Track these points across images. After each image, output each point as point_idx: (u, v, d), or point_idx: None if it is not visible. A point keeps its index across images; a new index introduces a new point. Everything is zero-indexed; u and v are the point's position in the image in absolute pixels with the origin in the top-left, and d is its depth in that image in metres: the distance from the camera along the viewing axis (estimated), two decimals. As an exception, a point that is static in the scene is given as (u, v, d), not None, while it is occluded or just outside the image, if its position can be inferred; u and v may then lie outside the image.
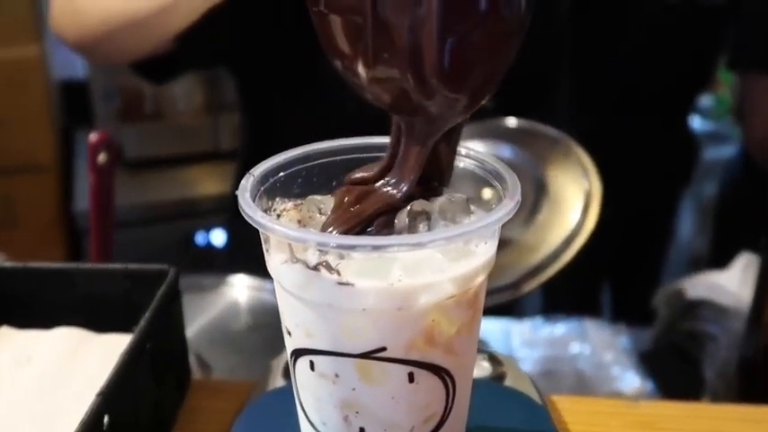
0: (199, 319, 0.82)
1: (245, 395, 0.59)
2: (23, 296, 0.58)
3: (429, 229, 0.37)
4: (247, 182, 0.39)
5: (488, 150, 0.96)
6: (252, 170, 0.40)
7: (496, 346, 1.12)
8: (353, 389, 0.38)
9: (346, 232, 0.36)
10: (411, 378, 0.37)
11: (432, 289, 0.35)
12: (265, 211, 0.41)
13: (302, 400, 0.41)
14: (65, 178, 1.82)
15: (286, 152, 0.42)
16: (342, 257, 0.35)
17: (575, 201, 0.88)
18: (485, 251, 0.37)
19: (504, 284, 0.82)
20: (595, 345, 1.14)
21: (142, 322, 0.50)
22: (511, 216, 0.36)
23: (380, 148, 0.44)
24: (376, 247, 0.33)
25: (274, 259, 0.37)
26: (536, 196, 0.89)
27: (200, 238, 1.79)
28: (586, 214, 0.86)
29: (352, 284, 0.35)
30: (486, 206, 0.41)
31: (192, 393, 0.60)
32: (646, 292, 1.38)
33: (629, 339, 1.16)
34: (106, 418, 0.44)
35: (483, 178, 0.98)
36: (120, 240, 1.68)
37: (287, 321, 0.39)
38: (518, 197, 0.37)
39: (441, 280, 0.35)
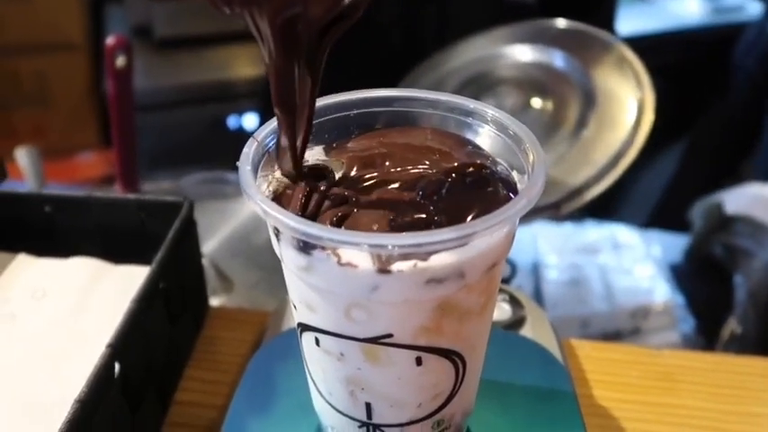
0: (221, 229, 0.81)
1: (262, 325, 0.59)
2: (40, 223, 0.57)
3: None
4: (250, 149, 0.36)
5: (536, 55, 0.90)
6: (255, 133, 0.37)
7: (522, 252, 1.11)
8: (359, 368, 0.36)
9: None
10: (419, 362, 0.36)
11: (441, 278, 0.33)
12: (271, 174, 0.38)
13: (310, 369, 0.40)
14: (96, 56, 1.79)
15: (294, 109, 0.39)
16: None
17: (625, 115, 0.82)
18: (503, 236, 0.34)
19: (544, 204, 0.78)
20: (626, 253, 1.12)
21: (154, 264, 0.49)
22: (532, 205, 0.33)
23: (403, 100, 0.41)
24: (374, 246, 0.30)
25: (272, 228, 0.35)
26: (583, 109, 0.84)
27: (231, 122, 1.77)
28: (637, 130, 0.81)
29: (356, 266, 0.32)
30: (538, 115, 0.37)
31: (209, 322, 0.60)
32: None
33: (661, 248, 1.14)
34: (117, 367, 0.44)
35: (532, 82, 0.92)
36: (149, 124, 1.68)
37: (291, 296, 0.38)
38: (542, 180, 0.34)
39: (451, 268, 0.33)
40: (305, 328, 0.38)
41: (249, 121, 1.76)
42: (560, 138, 0.82)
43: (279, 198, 0.36)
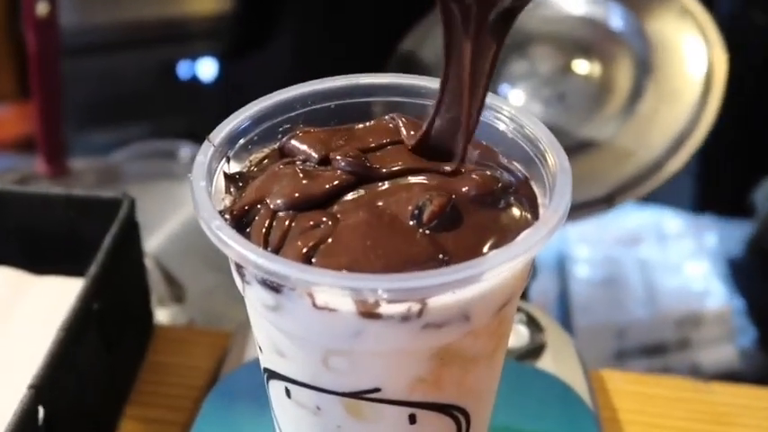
0: (169, 220, 0.81)
1: (221, 348, 0.59)
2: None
3: None
4: (206, 156, 0.37)
5: (586, 7, 0.89)
6: (211, 135, 0.38)
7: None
8: (339, 426, 0.37)
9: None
10: (412, 419, 0.36)
11: (441, 322, 0.33)
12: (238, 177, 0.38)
13: (279, 421, 0.41)
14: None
15: (259, 101, 0.39)
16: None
17: (690, 82, 0.81)
18: (518, 270, 0.35)
19: (593, 198, 0.78)
20: (673, 245, 1.13)
21: (86, 280, 0.50)
22: (555, 232, 0.33)
23: (395, 89, 0.41)
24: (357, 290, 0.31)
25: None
26: (638, 77, 0.83)
27: (183, 70, 1.76)
28: (706, 101, 0.80)
29: (335, 310, 0.33)
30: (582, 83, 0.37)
31: (154, 345, 0.60)
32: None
33: (717, 238, 1.15)
34: (41, 412, 0.44)
35: (573, 40, 0.91)
36: (82, 71, 1.67)
37: (256, 335, 0.38)
38: (567, 199, 0.34)
39: (453, 311, 0.33)
40: (273, 375, 0.38)
41: (205, 67, 1.75)
42: (610, 112, 0.81)
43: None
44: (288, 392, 0.38)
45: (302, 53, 1.42)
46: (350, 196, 0.36)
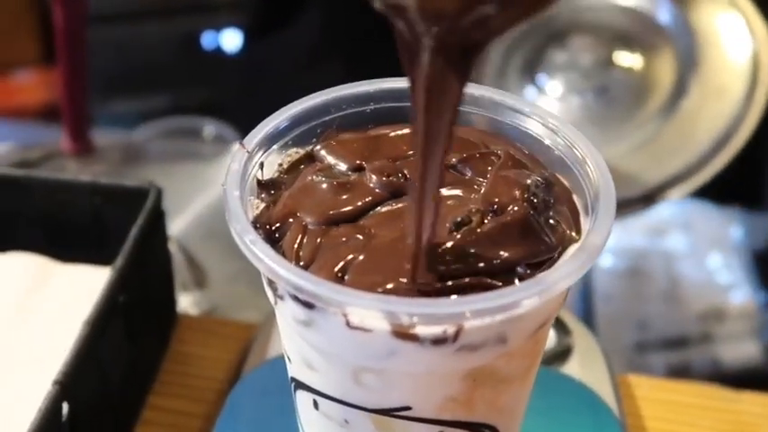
0: (193, 202, 0.80)
1: (245, 341, 0.59)
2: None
3: None
4: (240, 162, 0.36)
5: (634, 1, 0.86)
6: (245, 140, 0.37)
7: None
8: (367, 441, 0.37)
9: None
10: (442, 437, 0.36)
11: (477, 345, 0.33)
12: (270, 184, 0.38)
13: (304, 428, 0.40)
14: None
15: (293, 104, 0.39)
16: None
17: (736, 77, 0.79)
18: (558, 291, 0.34)
19: (632, 196, 0.76)
20: (699, 237, 1.11)
21: (112, 272, 0.49)
22: (599, 255, 0.32)
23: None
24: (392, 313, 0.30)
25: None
26: (682, 72, 0.81)
27: (207, 40, 1.75)
28: (752, 96, 0.77)
29: (369, 330, 0.32)
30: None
31: (178, 333, 0.60)
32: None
33: (742, 231, 1.13)
34: (65, 408, 0.44)
35: (613, 30, 0.88)
36: (105, 39, 1.66)
37: (285, 345, 0.38)
38: (611, 217, 0.33)
39: (490, 333, 0.32)
40: (301, 386, 0.38)
41: (229, 39, 1.73)
42: (652, 109, 0.79)
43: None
44: (316, 404, 0.37)
45: (329, 30, 1.41)
46: (383, 209, 0.35)
